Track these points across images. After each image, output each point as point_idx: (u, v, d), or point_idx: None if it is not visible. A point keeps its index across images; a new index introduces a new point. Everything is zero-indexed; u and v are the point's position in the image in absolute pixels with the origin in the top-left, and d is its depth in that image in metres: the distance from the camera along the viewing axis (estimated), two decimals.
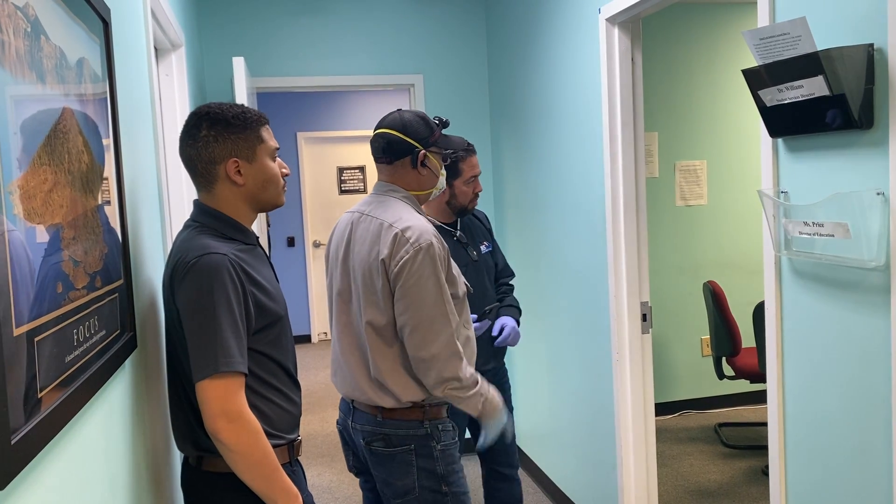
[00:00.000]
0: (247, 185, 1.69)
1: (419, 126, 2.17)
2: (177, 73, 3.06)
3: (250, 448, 1.54)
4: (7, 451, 0.84)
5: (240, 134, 1.67)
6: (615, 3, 2.80)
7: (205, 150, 1.66)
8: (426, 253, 2.01)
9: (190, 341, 1.56)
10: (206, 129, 1.66)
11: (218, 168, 1.67)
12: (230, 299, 1.56)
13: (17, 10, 0.98)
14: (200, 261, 1.56)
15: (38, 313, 0.98)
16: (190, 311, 1.56)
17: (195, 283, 1.56)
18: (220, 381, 1.53)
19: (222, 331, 1.54)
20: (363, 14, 4.31)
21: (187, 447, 1.70)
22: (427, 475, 2.11)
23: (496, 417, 2.14)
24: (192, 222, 1.71)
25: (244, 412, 1.54)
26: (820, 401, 1.91)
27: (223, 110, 1.68)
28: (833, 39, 1.75)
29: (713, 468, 4.12)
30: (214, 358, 1.53)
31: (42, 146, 1.05)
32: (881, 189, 1.65)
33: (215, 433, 1.52)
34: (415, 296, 2.01)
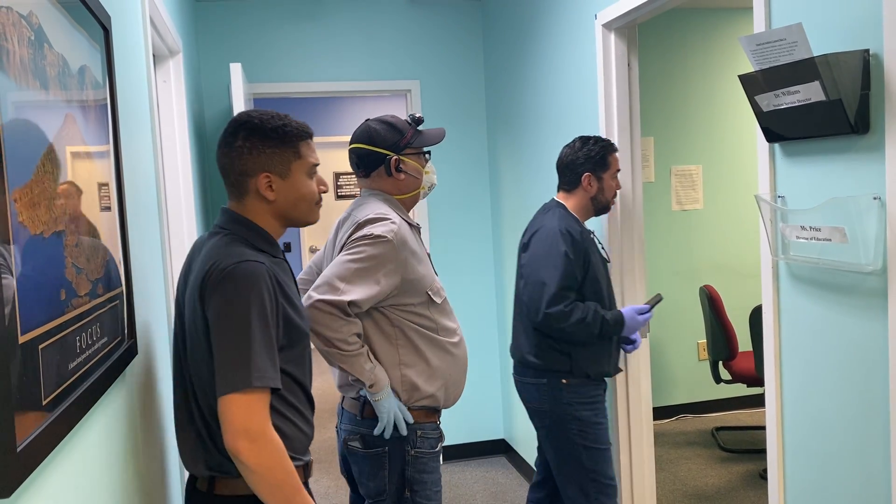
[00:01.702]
0: (277, 201, 1.62)
1: (387, 133, 2.19)
2: (174, 79, 3.07)
3: (273, 469, 1.45)
4: (13, 458, 0.84)
5: (276, 148, 1.61)
6: (611, 9, 2.81)
7: (238, 160, 1.60)
8: (376, 239, 2.01)
9: (219, 351, 1.47)
10: (241, 140, 1.60)
11: (249, 181, 1.61)
12: (266, 311, 1.48)
13: (21, 18, 0.98)
14: (238, 268, 1.49)
15: (42, 320, 0.98)
16: (222, 319, 1.47)
17: (231, 290, 1.47)
18: (247, 397, 1.44)
19: (256, 343, 1.46)
20: (360, 20, 4.32)
21: (198, 467, 1.59)
22: (396, 478, 2.10)
23: (384, 397, 2.05)
24: (220, 229, 1.63)
25: (268, 431, 1.46)
26: (818, 404, 1.92)
27: (263, 121, 1.61)
28: (829, 45, 1.76)
29: (711, 472, 4.12)
30: (247, 371, 1.44)
31: (45, 154, 1.05)
32: (877, 193, 1.66)
33: (236, 452, 1.43)
34: (342, 256, 2.00)
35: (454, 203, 4.49)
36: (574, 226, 2.57)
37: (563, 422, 2.56)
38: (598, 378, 2.60)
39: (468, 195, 4.51)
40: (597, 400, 2.59)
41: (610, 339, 2.61)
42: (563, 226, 2.55)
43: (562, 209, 2.65)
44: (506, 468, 4.40)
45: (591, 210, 2.70)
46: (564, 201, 2.70)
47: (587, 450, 2.55)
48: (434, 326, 2.13)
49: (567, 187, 2.70)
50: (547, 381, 2.58)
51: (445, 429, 4.52)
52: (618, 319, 2.56)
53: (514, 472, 4.34)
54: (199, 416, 1.57)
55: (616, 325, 2.55)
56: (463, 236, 4.52)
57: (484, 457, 4.59)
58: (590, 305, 2.50)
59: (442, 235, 4.48)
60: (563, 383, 2.56)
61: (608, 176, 2.67)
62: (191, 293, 1.55)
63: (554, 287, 2.47)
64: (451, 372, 2.16)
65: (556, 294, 2.46)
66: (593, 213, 2.72)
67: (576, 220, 2.62)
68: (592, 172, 2.64)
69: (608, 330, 2.53)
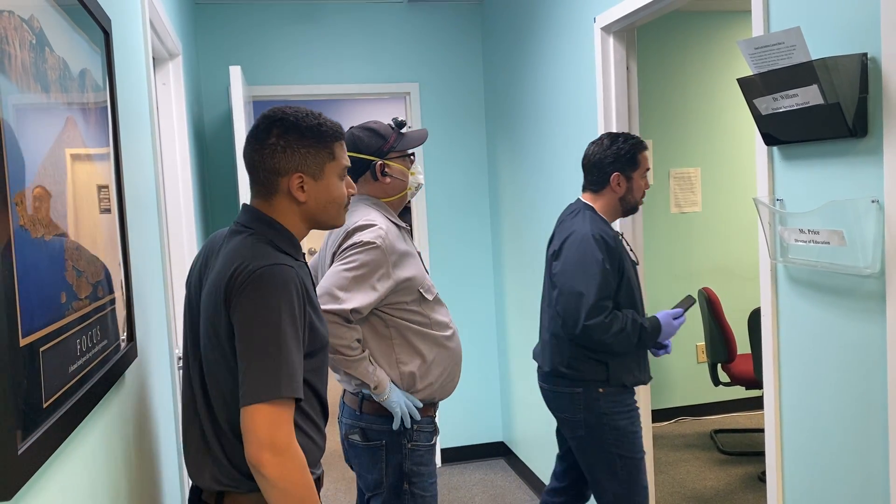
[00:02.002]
0: (308, 202, 1.56)
1: (369, 139, 2.26)
2: (174, 81, 3.07)
3: (295, 484, 1.39)
4: (14, 460, 0.84)
5: (311, 148, 1.54)
6: (610, 13, 2.82)
7: (270, 158, 1.52)
8: (365, 246, 2.07)
9: (246, 358, 1.39)
10: (275, 137, 1.52)
11: (280, 180, 1.53)
12: (295, 317, 1.42)
13: (23, 22, 0.98)
14: (268, 271, 1.41)
15: (43, 323, 0.99)
16: (251, 324, 1.40)
17: (261, 294, 1.40)
18: (274, 409, 1.37)
19: (287, 351, 1.39)
20: (359, 23, 4.33)
21: (205, 480, 1.51)
22: (394, 471, 2.16)
23: (389, 394, 2.10)
24: (243, 228, 1.55)
25: (292, 444, 1.39)
26: (816, 407, 1.93)
27: (298, 119, 1.54)
28: (827, 49, 1.77)
29: (709, 475, 4.13)
30: (277, 380, 1.37)
31: (46, 157, 1.05)
32: (876, 197, 1.67)
33: (259, 465, 1.36)
34: (337, 266, 2.06)
35: (453, 206, 4.50)
36: (606, 230, 2.46)
37: (599, 431, 2.48)
38: (633, 386, 2.53)
39: (467, 198, 4.52)
40: (632, 408, 2.52)
41: (646, 347, 2.54)
42: (596, 230, 2.43)
43: (591, 211, 2.52)
44: (505, 471, 4.40)
45: (619, 211, 2.59)
46: (592, 202, 2.57)
47: (622, 459, 2.49)
48: (427, 321, 2.20)
49: (594, 188, 2.57)
50: (583, 390, 2.48)
51: (445, 431, 4.53)
52: (655, 326, 2.49)
53: (513, 474, 4.34)
54: (209, 425, 1.50)
55: (654, 332, 2.49)
56: (462, 239, 4.52)
57: (483, 459, 4.59)
58: (627, 314, 2.43)
59: (441, 238, 4.49)
60: (599, 392, 2.47)
61: (637, 175, 2.55)
62: (212, 294, 1.47)
63: (592, 298, 2.36)
64: (445, 364, 2.24)
65: (594, 305, 2.36)
66: (621, 214, 2.61)
67: (606, 223, 2.51)
68: (622, 172, 2.52)
69: (646, 338, 2.46)
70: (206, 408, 1.51)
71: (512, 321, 4.28)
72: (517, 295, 4.16)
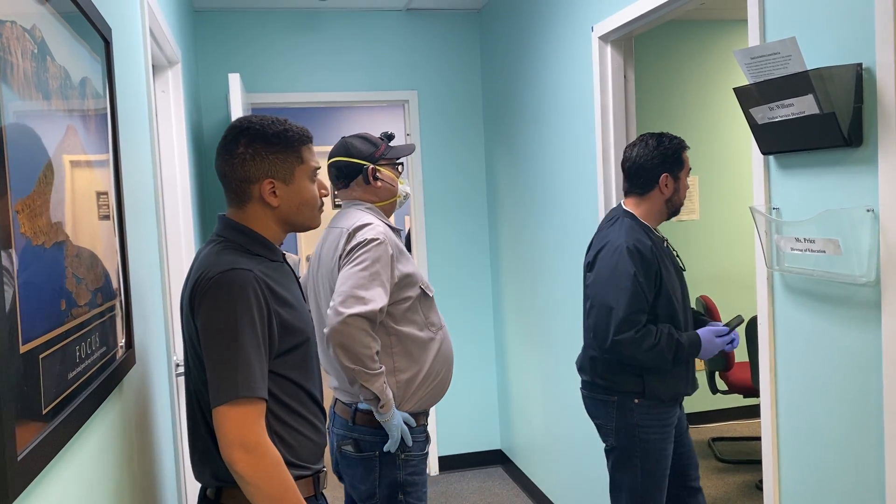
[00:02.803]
0: (281, 206, 1.60)
1: (362, 146, 2.36)
2: (173, 89, 3.08)
3: (269, 481, 1.43)
4: (14, 466, 0.85)
5: (279, 153, 1.58)
6: (607, 22, 2.83)
7: (240, 167, 1.57)
8: (370, 243, 2.13)
9: (209, 362, 1.45)
10: (243, 146, 1.57)
11: (252, 187, 1.58)
12: (254, 318, 1.46)
13: (25, 32, 0.99)
14: (224, 276, 1.46)
15: (42, 330, 0.99)
16: (210, 329, 1.45)
17: (217, 299, 1.45)
18: (239, 408, 1.42)
19: (245, 353, 1.44)
20: (358, 31, 4.34)
21: (205, 477, 1.59)
22: (387, 482, 2.17)
23: (392, 416, 2.12)
24: (216, 237, 1.61)
25: (262, 442, 1.44)
26: (813, 415, 1.93)
27: (264, 126, 1.59)
28: (822, 59, 1.78)
29: (707, 483, 4.12)
30: (234, 382, 1.42)
31: (47, 165, 1.06)
32: (871, 206, 1.68)
33: (231, 463, 1.42)
34: (349, 269, 2.10)
35: (451, 213, 4.51)
36: (643, 239, 2.37)
37: (629, 442, 2.42)
38: (671, 401, 2.45)
39: (465, 205, 4.53)
40: (667, 423, 2.44)
41: (684, 363, 2.43)
42: (631, 241, 2.35)
43: (630, 219, 2.44)
44: (503, 479, 4.40)
45: (664, 213, 2.52)
46: (635, 208, 2.48)
47: (644, 474, 2.41)
48: (423, 322, 2.24)
49: (640, 191, 2.48)
50: (618, 399, 2.42)
51: (443, 438, 4.53)
52: (694, 342, 2.38)
53: (510, 482, 4.33)
54: (205, 427, 1.56)
55: (692, 348, 2.37)
56: (460, 247, 4.53)
57: (481, 467, 4.58)
58: (662, 329, 2.33)
59: (439, 246, 4.50)
60: (634, 403, 2.40)
61: (683, 175, 2.50)
62: (183, 304, 1.55)
63: (622, 312, 2.29)
64: (440, 370, 2.27)
65: (624, 319, 2.28)
66: (666, 217, 2.53)
67: (646, 231, 2.43)
68: (670, 172, 2.45)
69: (683, 355, 2.36)
70: (201, 412, 1.57)
71: (510, 329, 4.29)
72: (516, 303, 4.16)
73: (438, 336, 2.28)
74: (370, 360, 2.05)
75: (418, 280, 2.23)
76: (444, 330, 2.32)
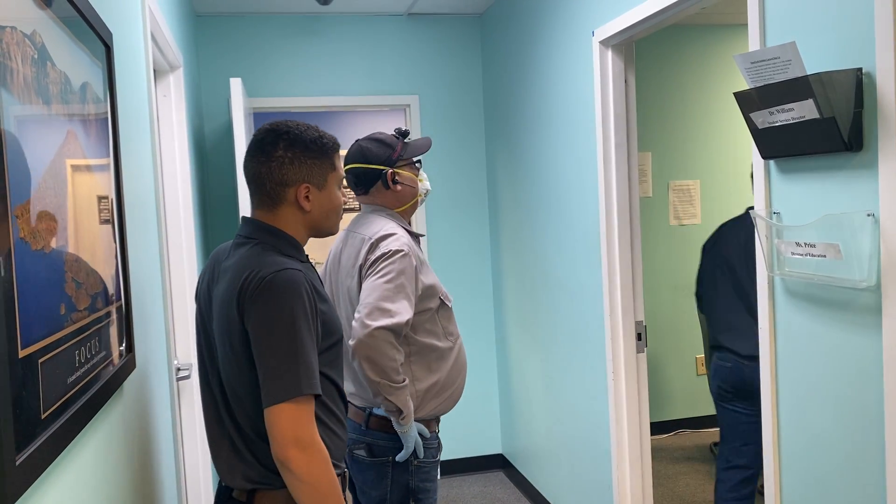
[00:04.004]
0: (313, 212, 1.63)
1: (378, 149, 2.30)
2: (174, 93, 3.09)
3: (320, 479, 1.44)
4: (12, 471, 0.85)
5: (315, 160, 1.61)
6: (608, 27, 2.84)
7: (278, 170, 1.59)
8: (395, 255, 2.11)
9: (266, 360, 1.45)
10: (282, 150, 1.59)
11: (288, 191, 1.60)
12: (308, 318, 1.48)
13: (25, 37, 1.00)
14: (278, 276, 1.48)
15: (42, 335, 0.99)
16: (268, 328, 1.46)
17: (275, 299, 1.46)
18: (296, 406, 1.43)
19: (305, 351, 1.46)
20: (359, 35, 4.35)
21: (236, 480, 1.57)
22: (399, 487, 2.16)
23: (410, 428, 2.13)
24: (247, 239, 1.61)
25: (316, 439, 1.45)
26: (814, 419, 1.93)
27: (301, 132, 1.61)
28: (822, 64, 1.79)
29: (708, 487, 4.11)
30: (296, 380, 1.43)
31: (47, 170, 1.06)
32: (871, 210, 1.68)
33: (286, 462, 1.42)
34: (374, 280, 2.08)
35: (452, 216, 4.51)
36: None
37: None
38: None
39: (467, 209, 4.53)
40: None
41: None
42: None
43: None
44: (504, 483, 4.39)
45: None
46: None
47: None
48: (441, 332, 2.22)
49: None
50: None
51: (444, 443, 4.51)
52: None
53: (511, 487, 4.32)
54: (233, 428, 1.56)
55: None
56: (461, 250, 4.53)
57: (482, 471, 4.58)
58: None
59: (440, 249, 4.50)
60: None
61: None
62: (224, 305, 1.53)
63: None
64: (455, 379, 2.26)
65: None
66: None
67: None
68: None
69: None
70: (230, 417, 1.56)
71: (512, 332, 4.29)
72: (517, 307, 4.16)
73: (456, 346, 2.27)
74: (395, 372, 2.05)
75: (438, 291, 2.22)
76: (460, 339, 2.31)
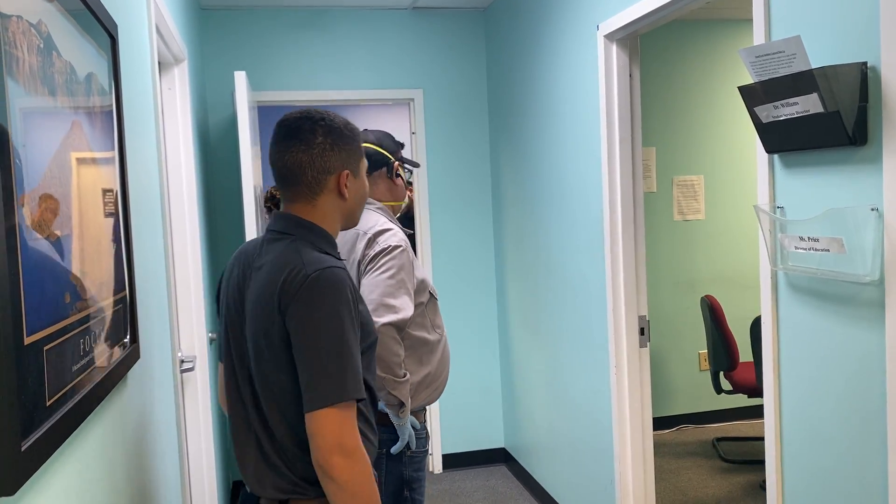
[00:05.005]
0: (350, 199, 1.59)
1: (389, 141, 2.36)
2: (179, 86, 3.09)
3: (363, 487, 1.38)
4: (17, 457, 0.86)
5: (349, 146, 1.58)
6: (613, 21, 2.83)
7: (320, 157, 1.53)
8: (395, 250, 2.13)
9: (310, 364, 1.38)
10: (321, 136, 1.54)
11: (329, 178, 1.55)
12: (352, 319, 1.42)
13: (31, 27, 1.00)
14: (323, 275, 1.41)
15: (47, 323, 1.00)
16: (313, 330, 1.39)
17: (320, 299, 1.39)
18: (340, 411, 1.36)
19: (351, 355, 1.40)
20: (364, 29, 4.35)
21: (265, 489, 1.50)
22: (394, 479, 2.19)
23: (407, 421, 2.15)
24: (281, 234, 1.54)
25: (359, 446, 1.39)
26: (816, 414, 1.93)
27: (333, 118, 1.58)
28: (827, 58, 1.78)
29: (711, 483, 4.12)
30: (343, 383, 1.37)
31: (52, 159, 1.07)
32: (875, 205, 1.67)
33: (328, 469, 1.36)
34: (376, 276, 2.10)
35: (456, 211, 4.51)
36: None
37: None
38: None
39: (470, 203, 4.53)
40: None
41: None
42: None
43: None
44: (506, 477, 4.40)
45: None
46: None
47: None
48: (429, 325, 2.26)
49: None
50: None
51: (447, 437, 4.54)
52: None
53: (514, 480, 4.33)
54: (264, 434, 1.49)
55: None
56: (465, 245, 4.53)
57: (484, 465, 4.59)
58: None
59: (444, 244, 4.50)
60: None
61: None
62: (260, 303, 1.45)
63: None
64: (442, 371, 2.30)
65: None
66: None
67: None
68: None
69: None
70: (261, 423, 1.49)
71: (514, 327, 4.29)
72: (520, 301, 4.16)
73: (443, 338, 2.31)
74: (398, 367, 2.07)
75: (428, 285, 2.26)
76: (444, 333, 2.36)
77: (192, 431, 2.95)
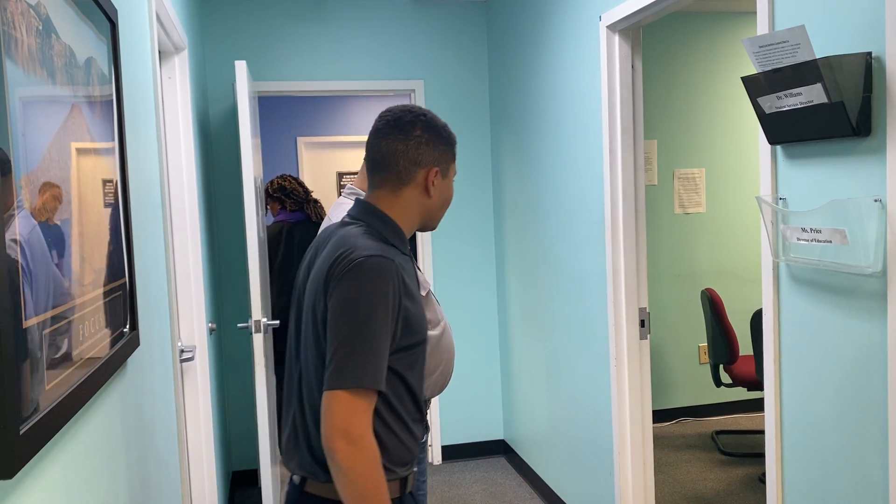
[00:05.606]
0: (433, 198, 1.62)
1: None
2: (179, 75, 3.08)
3: (364, 476, 1.38)
4: (16, 440, 0.85)
5: (444, 147, 1.62)
6: (616, 11, 2.82)
7: (415, 149, 1.57)
8: None
9: (335, 343, 1.41)
10: (420, 130, 1.58)
11: (419, 172, 1.58)
12: (388, 309, 1.43)
13: (30, 7, 0.99)
14: (368, 261, 1.43)
15: (46, 307, 0.99)
16: (344, 312, 1.41)
17: (358, 283, 1.42)
18: (354, 397, 1.38)
19: (376, 342, 1.41)
20: (364, 20, 4.33)
21: (292, 464, 1.56)
22: None
23: None
24: (354, 220, 1.59)
25: (367, 435, 1.39)
26: (817, 407, 1.93)
27: (433, 117, 1.62)
28: (832, 48, 1.77)
29: (710, 476, 4.12)
30: (360, 370, 1.38)
31: (52, 143, 1.06)
32: (878, 196, 1.67)
33: (331, 451, 1.38)
34: None
35: (456, 204, 4.50)
36: None
37: None
38: None
39: (471, 196, 4.52)
40: None
41: None
42: None
43: None
44: (505, 469, 4.40)
45: None
46: None
47: None
48: None
49: None
50: None
51: (446, 429, 4.54)
52: None
53: (513, 472, 4.34)
54: (300, 413, 1.53)
55: None
56: (465, 237, 4.53)
57: (483, 457, 4.59)
58: None
59: (444, 236, 4.49)
60: None
61: None
62: (315, 281, 1.51)
63: None
64: (441, 365, 2.24)
65: None
66: None
67: None
68: None
69: None
70: (299, 401, 1.54)
71: (514, 319, 4.29)
72: (520, 293, 4.16)
73: (442, 331, 2.26)
74: None
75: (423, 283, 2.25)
76: (444, 323, 2.31)
77: (191, 421, 2.95)
